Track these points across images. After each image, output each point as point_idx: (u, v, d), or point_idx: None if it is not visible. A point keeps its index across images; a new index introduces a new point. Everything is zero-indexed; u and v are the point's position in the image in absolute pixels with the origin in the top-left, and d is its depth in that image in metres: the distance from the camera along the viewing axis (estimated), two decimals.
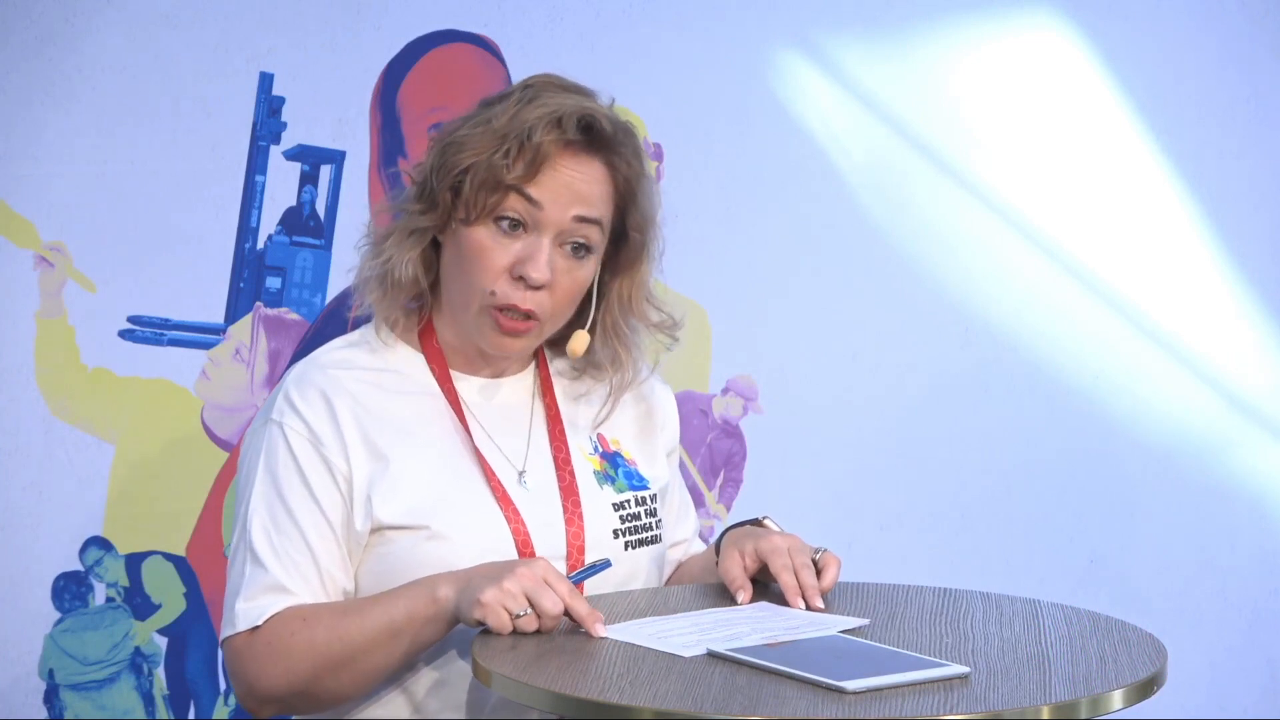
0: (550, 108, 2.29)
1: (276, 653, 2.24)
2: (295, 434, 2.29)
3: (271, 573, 2.26)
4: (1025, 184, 3.63)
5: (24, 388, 3.20)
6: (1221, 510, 3.74)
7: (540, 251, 2.28)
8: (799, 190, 3.51)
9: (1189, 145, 3.68)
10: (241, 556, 2.29)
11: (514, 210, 2.29)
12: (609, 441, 2.44)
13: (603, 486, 2.40)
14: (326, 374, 2.33)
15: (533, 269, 2.28)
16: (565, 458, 2.39)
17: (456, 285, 2.33)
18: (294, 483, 2.28)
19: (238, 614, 2.26)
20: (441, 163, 2.32)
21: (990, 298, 3.62)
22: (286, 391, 2.32)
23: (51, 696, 3.24)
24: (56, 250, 3.21)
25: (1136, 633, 2.15)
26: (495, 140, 2.29)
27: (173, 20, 3.22)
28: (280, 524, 2.28)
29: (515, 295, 2.29)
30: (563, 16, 3.38)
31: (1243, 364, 3.73)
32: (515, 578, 2.13)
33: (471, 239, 2.30)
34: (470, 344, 2.36)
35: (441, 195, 2.31)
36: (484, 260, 2.29)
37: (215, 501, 3.28)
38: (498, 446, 2.36)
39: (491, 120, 2.31)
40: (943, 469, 3.63)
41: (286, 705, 2.28)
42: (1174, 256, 3.70)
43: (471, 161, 2.29)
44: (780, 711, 1.87)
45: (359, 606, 2.23)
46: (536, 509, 2.33)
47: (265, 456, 2.30)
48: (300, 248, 3.31)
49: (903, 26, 3.56)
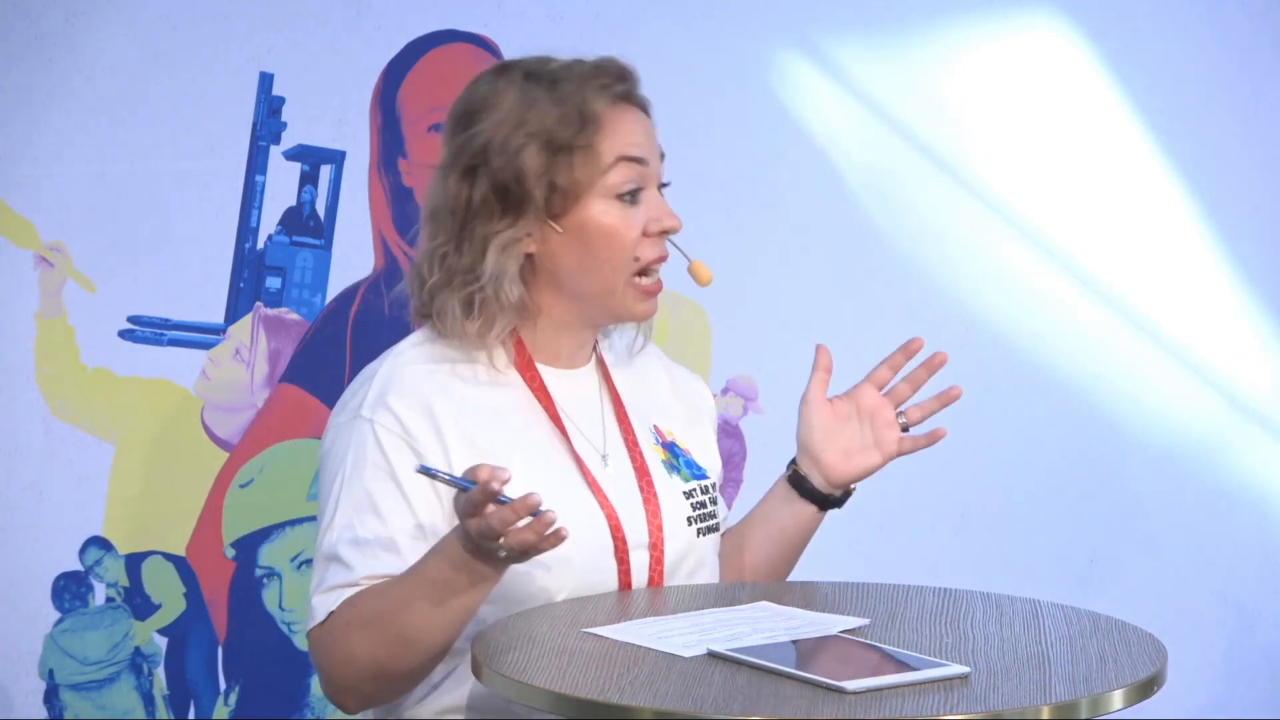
0: (586, 71, 2.33)
1: (338, 640, 2.21)
2: (386, 430, 2.28)
3: (350, 564, 2.24)
4: (1025, 184, 3.62)
5: (24, 388, 3.20)
6: (1221, 510, 3.74)
7: (661, 201, 2.35)
8: (799, 190, 3.51)
9: (1189, 145, 3.67)
10: (325, 553, 2.26)
11: (629, 180, 2.32)
12: (664, 432, 2.47)
13: (671, 476, 2.42)
14: (418, 368, 2.33)
15: (670, 219, 2.35)
16: (634, 441, 2.41)
17: (590, 274, 2.34)
18: (382, 478, 2.26)
19: (315, 607, 2.25)
20: (510, 170, 2.30)
21: (990, 298, 3.62)
22: (378, 387, 2.31)
23: (51, 696, 3.24)
24: (56, 250, 3.21)
25: (1136, 633, 2.15)
26: (559, 122, 2.30)
27: (173, 20, 3.22)
28: (365, 521, 2.25)
29: (656, 250, 2.35)
30: (563, 16, 3.38)
31: (1243, 364, 3.73)
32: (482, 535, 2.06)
33: (599, 222, 2.32)
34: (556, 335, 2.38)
35: (531, 196, 2.30)
36: (619, 235, 2.32)
37: (215, 501, 3.28)
38: (580, 431, 2.38)
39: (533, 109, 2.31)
40: (943, 469, 3.62)
41: (363, 693, 2.24)
42: (1174, 257, 3.70)
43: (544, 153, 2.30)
44: (780, 711, 1.87)
45: (396, 579, 2.19)
46: (619, 492, 2.35)
47: (354, 452, 2.28)
48: (300, 248, 3.31)
49: (903, 27, 3.56)
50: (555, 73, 2.34)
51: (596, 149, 2.30)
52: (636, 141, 2.33)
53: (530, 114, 2.31)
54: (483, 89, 2.37)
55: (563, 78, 2.33)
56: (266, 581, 3.31)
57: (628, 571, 2.32)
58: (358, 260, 3.33)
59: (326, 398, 3.31)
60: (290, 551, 3.31)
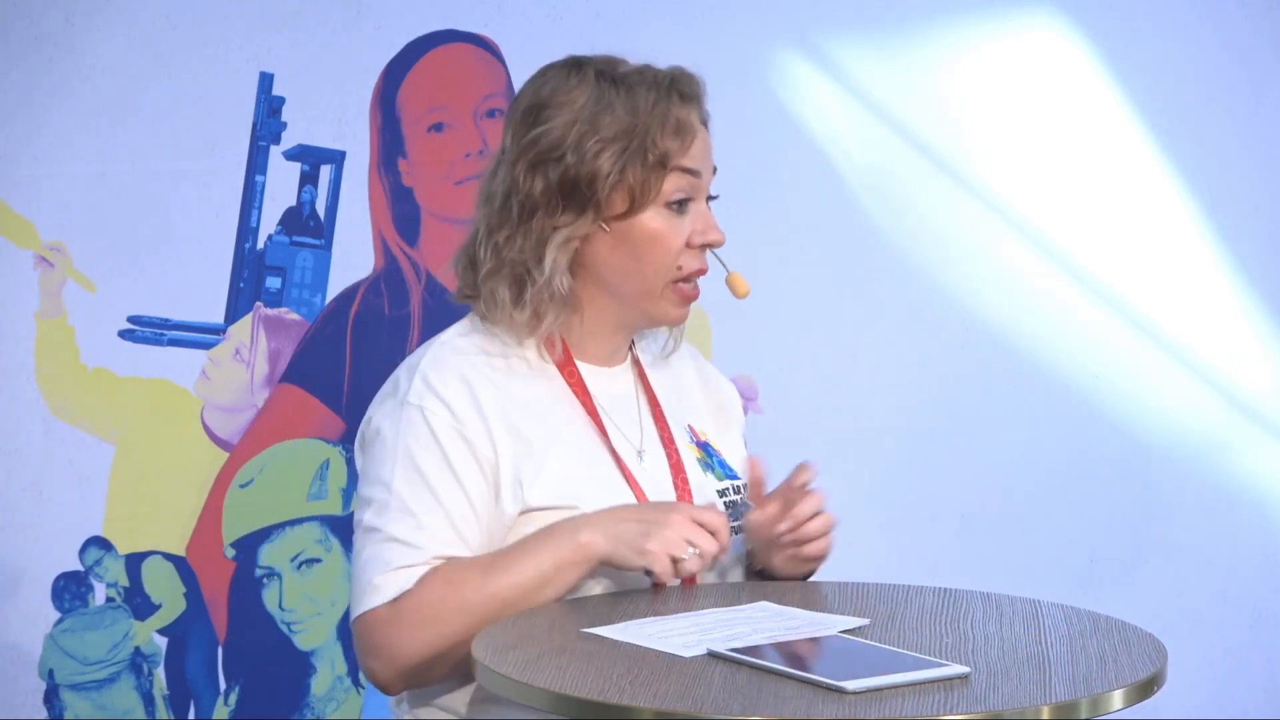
0: (661, 80, 2.35)
1: (425, 618, 2.24)
2: (435, 416, 2.30)
3: (417, 545, 2.26)
4: (1026, 184, 3.63)
5: (24, 388, 3.20)
6: (1221, 510, 3.74)
7: (708, 214, 2.38)
8: (799, 190, 3.51)
9: (1189, 146, 3.68)
10: (382, 535, 2.28)
11: (680, 190, 2.34)
12: (699, 432, 2.49)
13: (706, 474, 2.45)
14: (463, 358, 2.35)
15: (714, 233, 2.37)
16: (670, 438, 2.43)
17: (632, 276, 2.36)
18: (436, 463, 2.29)
19: (380, 585, 2.26)
20: (582, 171, 2.32)
21: (990, 298, 3.62)
22: (424, 375, 2.33)
23: (51, 696, 3.24)
24: (56, 250, 3.21)
25: (1136, 633, 2.15)
26: (634, 130, 2.32)
27: (173, 20, 3.22)
28: (423, 502, 2.28)
29: (699, 261, 2.37)
30: (563, 16, 3.38)
31: (1243, 364, 3.73)
32: (674, 525, 2.22)
33: (646, 228, 2.34)
34: (595, 332, 2.40)
35: (604, 195, 2.32)
36: (665, 243, 2.34)
37: (215, 501, 3.28)
38: (618, 427, 2.40)
39: (609, 113, 2.33)
40: (943, 469, 3.63)
41: (426, 673, 2.27)
42: (1174, 257, 3.70)
43: (619, 159, 2.32)
44: (780, 711, 1.87)
45: (503, 563, 2.25)
46: (655, 487, 2.37)
47: (404, 438, 2.30)
48: (300, 248, 3.31)
49: (903, 27, 3.56)
50: (628, 77, 2.36)
51: (663, 156, 2.33)
52: (695, 154, 2.36)
53: (605, 117, 2.33)
54: (553, 84, 2.38)
55: (636, 83, 2.35)
56: (266, 581, 3.31)
57: None
58: (358, 260, 3.33)
59: (326, 398, 3.31)
60: (290, 551, 3.31)
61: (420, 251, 3.35)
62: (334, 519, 3.33)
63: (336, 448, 3.32)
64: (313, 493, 3.32)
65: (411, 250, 3.35)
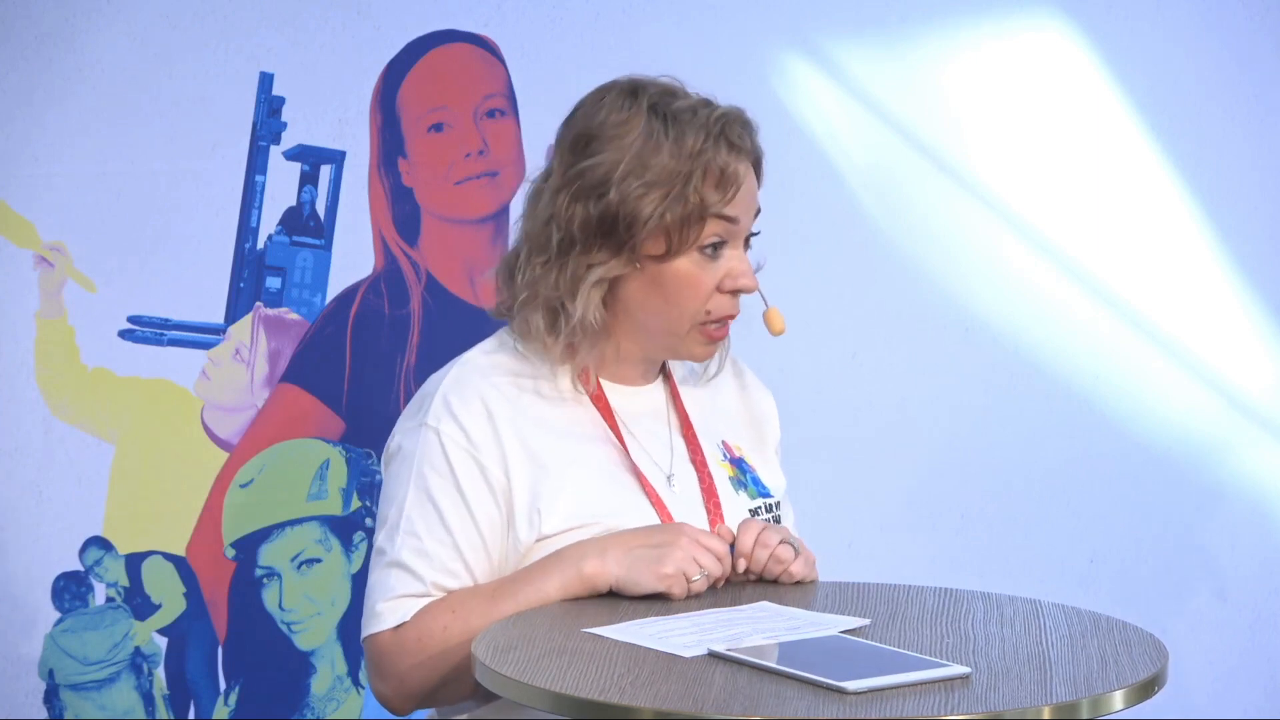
0: (712, 126, 2.33)
1: (428, 646, 2.26)
2: (451, 441, 2.30)
3: (418, 573, 2.28)
4: (1026, 184, 3.62)
5: (24, 388, 3.20)
6: (1221, 510, 3.74)
7: (743, 261, 2.37)
8: (799, 191, 3.51)
9: (1190, 146, 3.68)
10: (388, 558, 2.30)
11: (715, 235, 2.34)
12: (733, 448, 2.49)
13: (738, 492, 2.44)
14: (486, 379, 2.35)
15: (746, 280, 2.36)
16: (702, 460, 2.43)
17: (659, 315, 2.35)
18: (447, 489, 2.29)
19: (381, 612, 2.28)
20: (623, 212, 2.31)
21: (990, 298, 3.62)
22: (445, 396, 2.32)
23: (51, 696, 3.24)
24: (56, 250, 3.21)
25: (1137, 633, 2.15)
26: (679, 176, 2.31)
27: (173, 20, 3.22)
28: (431, 528, 2.29)
29: (728, 307, 2.37)
30: (563, 16, 3.38)
31: (1243, 364, 3.73)
32: (684, 547, 2.23)
33: (677, 271, 2.33)
34: (625, 358, 2.40)
35: (631, 241, 2.31)
36: (695, 287, 2.34)
37: (215, 501, 3.28)
38: (645, 451, 2.40)
39: (656, 155, 2.31)
40: (943, 469, 3.63)
41: (434, 696, 2.29)
42: (1174, 257, 3.70)
43: (660, 204, 2.30)
44: (780, 711, 1.87)
45: (508, 589, 2.26)
46: (684, 511, 2.37)
47: (419, 461, 2.31)
48: (300, 248, 3.31)
49: (903, 27, 3.56)
50: (681, 114, 2.34)
51: (703, 205, 2.32)
52: (737, 200, 2.35)
53: (654, 159, 2.32)
54: (605, 112, 2.35)
55: (688, 123, 2.33)
56: (266, 581, 3.31)
57: None
58: (358, 260, 3.33)
59: (326, 398, 3.31)
60: (290, 551, 3.31)
61: (420, 251, 3.35)
62: (334, 519, 3.33)
63: (336, 448, 3.32)
64: (313, 493, 3.32)
65: (411, 250, 3.35)
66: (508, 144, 3.38)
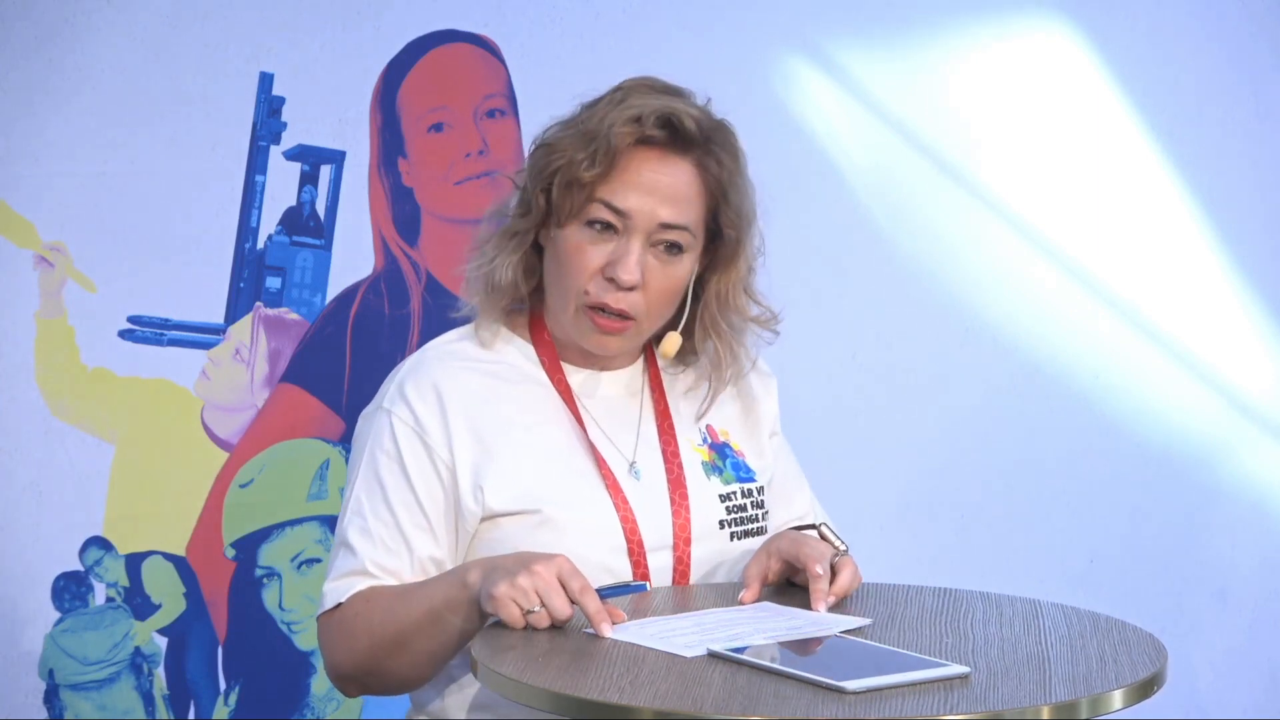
0: (632, 109, 2.33)
1: (344, 633, 2.30)
2: (401, 422, 2.34)
3: (360, 555, 2.32)
4: (1026, 185, 3.63)
5: (24, 388, 3.20)
6: (1221, 511, 3.74)
7: (629, 253, 2.33)
8: (799, 191, 3.51)
9: (1190, 146, 3.68)
10: (338, 539, 2.36)
11: (601, 214, 2.33)
12: (718, 433, 2.49)
13: (710, 478, 2.44)
14: (442, 365, 2.38)
15: (622, 270, 2.32)
16: (673, 450, 2.42)
17: (555, 287, 2.37)
18: (393, 470, 2.33)
19: (325, 593, 2.33)
20: (534, 166, 2.36)
21: (990, 298, 3.62)
22: (400, 381, 2.37)
23: (51, 696, 3.24)
24: (56, 250, 3.21)
25: (1136, 633, 2.15)
26: (581, 142, 2.33)
27: (173, 20, 3.22)
28: (376, 509, 2.33)
29: (608, 295, 2.33)
30: (563, 16, 3.38)
31: (1243, 364, 3.73)
32: (529, 574, 2.15)
33: (566, 241, 2.34)
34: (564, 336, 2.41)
35: (536, 199, 2.35)
36: (578, 261, 2.33)
37: (215, 501, 3.28)
38: (608, 437, 2.40)
39: (581, 123, 2.34)
40: (942, 468, 3.63)
41: (362, 684, 2.33)
42: (1174, 257, 3.70)
43: (559, 164, 2.33)
44: (780, 711, 1.87)
45: (410, 591, 2.28)
46: (645, 499, 2.37)
47: (371, 443, 2.35)
48: (300, 248, 3.31)
49: (904, 28, 3.56)
50: (631, 92, 2.36)
51: (586, 177, 2.32)
52: (629, 187, 2.33)
53: (570, 129, 2.35)
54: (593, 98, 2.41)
55: (620, 103, 2.35)
56: (266, 581, 3.31)
57: (645, 574, 2.33)
58: (358, 260, 3.33)
59: (326, 398, 3.31)
60: (290, 551, 3.31)
61: (420, 251, 3.35)
62: (334, 519, 3.32)
63: (336, 448, 3.32)
64: (313, 493, 3.32)
65: (411, 250, 3.35)
66: (508, 144, 3.38)
